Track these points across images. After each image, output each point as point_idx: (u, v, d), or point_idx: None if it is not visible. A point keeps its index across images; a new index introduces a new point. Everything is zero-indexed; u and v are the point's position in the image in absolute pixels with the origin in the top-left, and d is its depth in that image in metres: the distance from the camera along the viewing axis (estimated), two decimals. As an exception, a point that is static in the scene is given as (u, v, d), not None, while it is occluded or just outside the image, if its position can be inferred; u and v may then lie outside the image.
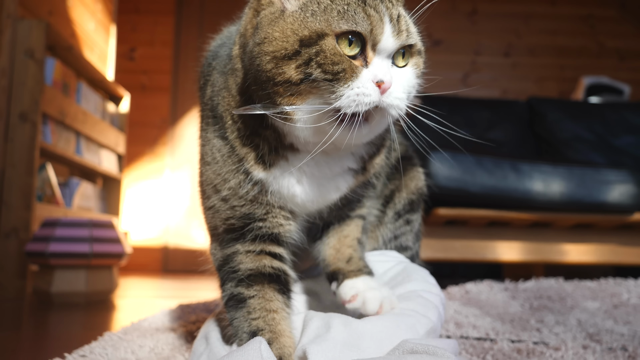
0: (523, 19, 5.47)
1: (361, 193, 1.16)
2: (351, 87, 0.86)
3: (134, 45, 5.20)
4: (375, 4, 0.89)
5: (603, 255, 2.99)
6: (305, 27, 0.88)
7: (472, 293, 2.01)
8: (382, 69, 0.88)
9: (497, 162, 2.83)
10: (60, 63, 3.07)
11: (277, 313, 1.01)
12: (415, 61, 0.97)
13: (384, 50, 0.90)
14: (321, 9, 0.89)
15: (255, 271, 1.05)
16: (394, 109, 0.90)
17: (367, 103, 0.87)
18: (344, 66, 0.86)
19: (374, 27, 0.88)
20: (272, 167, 1.01)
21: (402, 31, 0.91)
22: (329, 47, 0.86)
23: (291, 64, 0.87)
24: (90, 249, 2.49)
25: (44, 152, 2.92)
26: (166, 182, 5.12)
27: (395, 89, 0.90)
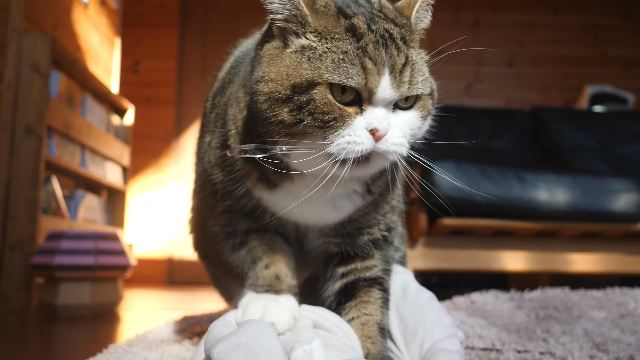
0: (526, 29, 5.49)
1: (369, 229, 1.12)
2: (342, 135, 0.86)
3: (139, 58, 5.24)
4: (375, 54, 0.86)
5: (609, 264, 2.98)
6: (299, 74, 0.86)
7: (478, 303, 2.00)
8: (378, 117, 0.86)
9: (502, 171, 2.83)
10: (65, 76, 3.09)
11: (274, 245, 1.13)
12: (422, 103, 0.94)
13: (380, 100, 0.87)
14: (316, 55, 0.87)
15: (251, 228, 1.15)
16: (391, 154, 0.89)
17: (358, 151, 0.86)
18: (334, 115, 0.85)
19: (368, 81, 0.85)
20: (276, 187, 1.02)
21: (404, 83, 0.88)
22: (319, 97, 0.85)
23: (284, 107, 0.87)
24: (95, 261, 2.49)
25: (49, 165, 2.93)
26: (171, 194, 5.13)
27: (393, 135, 0.88)
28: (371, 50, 0.85)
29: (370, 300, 1.09)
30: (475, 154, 3.81)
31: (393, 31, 0.89)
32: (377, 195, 1.08)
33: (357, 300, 1.10)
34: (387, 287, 1.14)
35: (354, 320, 1.08)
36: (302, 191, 0.99)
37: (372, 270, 1.12)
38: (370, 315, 1.08)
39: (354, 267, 1.12)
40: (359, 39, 0.86)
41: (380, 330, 1.07)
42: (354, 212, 1.07)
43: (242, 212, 1.12)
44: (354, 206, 1.06)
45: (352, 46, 0.85)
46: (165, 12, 5.32)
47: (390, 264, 1.18)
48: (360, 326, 1.07)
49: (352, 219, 1.08)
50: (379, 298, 1.10)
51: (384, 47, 0.86)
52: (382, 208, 1.12)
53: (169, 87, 5.22)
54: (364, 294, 1.10)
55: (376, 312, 1.08)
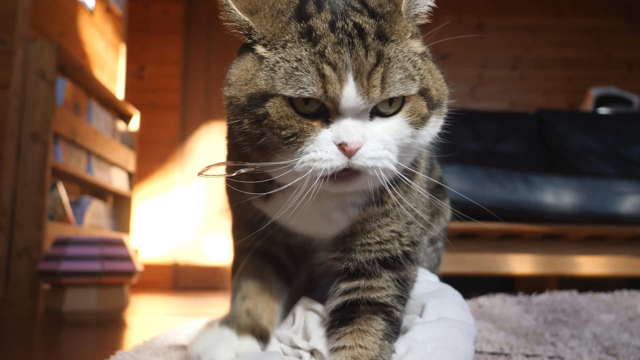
0: (530, 31, 5.48)
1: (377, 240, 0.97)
2: (306, 151, 0.76)
3: (144, 64, 5.26)
4: (335, 57, 0.74)
5: (617, 267, 2.96)
6: (254, 83, 0.78)
7: (485, 307, 1.99)
8: (347, 129, 0.75)
9: (508, 174, 2.82)
10: (71, 83, 3.10)
11: (262, 276, 1.06)
12: (411, 106, 0.80)
13: (348, 110, 0.76)
14: (270, 64, 0.77)
15: (253, 248, 1.09)
16: (372, 170, 0.77)
17: (326, 169, 0.76)
18: (293, 130, 0.76)
19: (327, 90, 0.74)
20: (269, 198, 0.94)
21: (374, 87, 0.75)
22: (273, 111, 0.76)
23: (245, 117, 0.80)
24: (101, 267, 2.50)
25: (55, 172, 2.94)
26: (176, 200, 5.14)
27: (370, 148, 0.76)
28: (330, 54, 0.74)
29: (370, 331, 0.90)
30: (480, 157, 3.80)
31: (365, 25, 0.77)
32: (389, 206, 0.94)
33: (354, 327, 0.91)
34: (397, 318, 0.95)
35: (344, 350, 0.89)
36: (294, 202, 0.90)
37: (378, 292, 0.95)
38: (365, 349, 0.88)
39: (357, 285, 0.97)
40: (316, 43, 0.75)
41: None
42: (351, 225, 0.96)
43: (251, 226, 1.06)
44: (348, 219, 0.94)
45: (307, 52, 0.75)
46: (169, 19, 5.35)
47: (407, 290, 1.00)
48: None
49: (353, 233, 0.97)
50: (381, 330, 0.91)
51: (349, 47, 0.75)
52: (395, 222, 0.97)
53: (173, 92, 5.23)
54: (364, 322, 0.92)
55: (373, 347, 0.88)
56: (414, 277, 1.05)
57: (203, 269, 5.04)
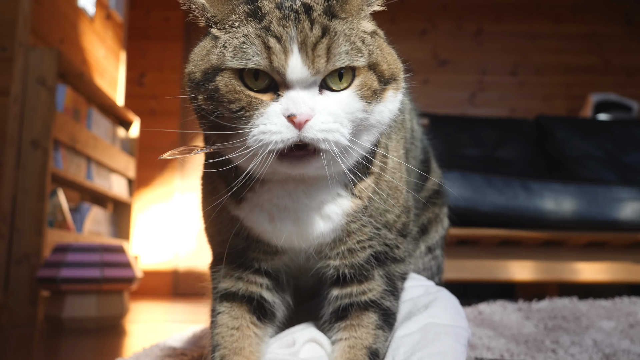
0: (529, 38, 5.50)
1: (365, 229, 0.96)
2: (255, 125, 0.78)
3: (144, 70, 5.27)
4: (280, 30, 0.77)
5: (617, 273, 2.96)
6: (208, 59, 0.82)
7: (486, 314, 1.99)
8: (295, 101, 0.76)
9: (507, 181, 2.82)
10: (71, 90, 3.11)
11: (238, 330, 0.98)
12: (361, 80, 0.81)
13: (296, 82, 0.77)
14: (222, 42, 0.80)
15: (230, 291, 1.02)
16: (324, 142, 0.77)
17: (277, 141, 0.76)
18: (242, 104, 0.78)
19: (273, 60, 0.76)
20: (242, 201, 0.93)
21: (319, 57, 0.76)
22: (222, 85, 0.79)
23: (200, 93, 0.83)
24: (101, 274, 2.50)
25: (55, 178, 2.94)
26: (176, 206, 5.14)
27: (320, 120, 0.77)
28: (275, 28, 0.77)
29: (362, 324, 0.97)
30: (480, 163, 3.81)
31: (313, 4, 0.79)
32: (365, 201, 0.95)
33: (347, 322, 0.99)
34: (387, 306, 1.00)
35: (342, 342, 0.97)
36: (269, 200, 0.91)
37: (368, 294, 0.99)
38: (359, 338, 0.96)
39: (350, 291, 0.99)
40: (262, 19, 0.78)
41: (370, 355, 0.95)
42: (347, 221, 0.94)
43: (230, 255, 1.01)
44: (342, 212, 0.93)
45: (254, 28, 0.78)
46: (170, 25, 5.36)
47: (396, 283, 1.03)
48: (348, 349, 0.96)
49: (351, 230, 0.96)
50: (373, 322, 0.98)
51: (295, 22, 0.77)
52: (381, 216, 0.98)
53: (173, 99, 5.24)
54: (355, 318, 0.98)
55: (366, 336, 0.96)
56: (405, 270, 1.06)
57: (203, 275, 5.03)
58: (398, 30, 5.30)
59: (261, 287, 1.02)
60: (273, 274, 1.03)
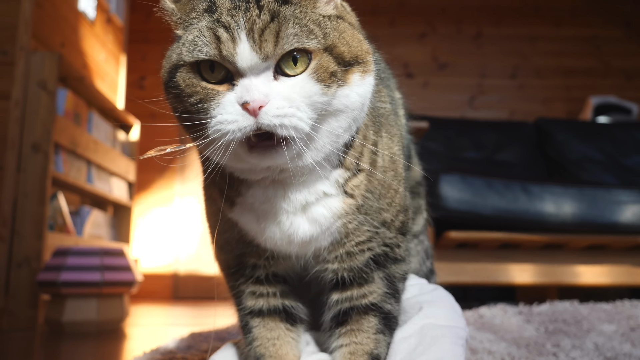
0: (528, 41, 5.51)
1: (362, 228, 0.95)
2: (212, 115, 0.79)
3: (144, 74, 5.28)
4: (229, 20, 0.77)
5: (617, 276, 2.96)
6: (170, 59, 0.84)
7: (486, 317, 1.99)
8: (248, 87, 0.77)
9: (508, 184, 2.82)
10: (72, 93, 3.11)
11: (278, 339, 1.02)
12: (317, 63, 0.79)
13: (248, 69, 0.77)
14: (182, 41, 0.83)
15: (256, 309, 1.04)
16: (281, 128, 0.76)
17: (234, 130, 0.77)
18: (200, 96, 0.80)
19: (222, 50, 0.77)
20: (234, 205, 0.94)
21: (266, 41, 0.76)
22: (181, 80, 0.81)
23: (169, 93, 0.85)
24: (101, 278, 2.49)
25: (56, 182, 2.94)
26: (176, 210, 5.14)
27: (275, 106, 0.76)
28: (224, 18, 0.78)
29: (362, 329, 0.97)
30: (480, 166, 3.81)
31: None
32: (359, 200, 0.93)
33: (348, 327, 0.98)
34: (388, 309, 0.99)
35: (342, 348, 0.97)
36: (254, 206, 0.91)
37: (368, 297, 0.98)
38: (360, 344, 0.96)
39: (350, 295, 0.99)
40: (214, 13, 0.80)
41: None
42: (343, 222, 0.92)
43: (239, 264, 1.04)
44: (331, 214, 0.91)
45: (207, 21, 0.80)
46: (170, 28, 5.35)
47: (396, 285, 1.02)
48: (349, 355, 0.96)
49: (349, 231, 0.94)
50: (373, 326, 0.97)
51: (245, 11, 0.77)
52: (377, 214, 0.96)
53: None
54: (355, 322, 0.98)
55: (367, 341, 0.96)
56: (406, 270, 1.05)
57: (203, 278, 5.03)
58: (397, 33, 5.31)
59: (280, 297, 1.04)
60: (283, 279, 1.04)
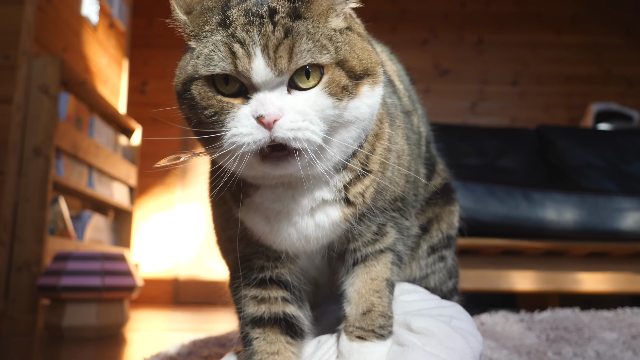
0: (529, 48, 5.52)
1: (369, 228, 1.00)
2: (228, 128, 0.80)
3: (146, 78, 5.29)
4: (244, 35, 0.79)
5: (619, 284, 2.95)
6: (185, 70, 0.86)
7: (488, 324, 1.98)
8: (262, 102, 0.79)
9: (509, 190, 2.81)
10: (74, 98, 3.12)
11: (278, 355, 1.01)
12: (329, 77, 0.81)
13: (263, 84, 0.79)
14: (196, 53, 0.84)
15: (257, 316, 1.04)
16: (295, 141, 0.79)
17: (249, 142, 0.79)
18: (215, 109, 0.82)
19: (238, 65, 0.79)
20: (242, 205, 0.95)
21: (280, 57, 0.78)
22: (196, 92, 0.83)
23: (183, 103, 0.87)
24: (102, 282, 2.49)
25: (57, 186, 2.94)
26: (177, 215, 5.14)
27: (289, 119, 0.78)
28: (239, 33, 0.79)
29: (380, 262, 1.03)
30: (481, 172, 3.80)
31: (279, 7, 0.81)
32: (363, 207, 0.96)
33: (366, 263, 1.03)
34: (400, 249, 1.07)
35: (363, 275, 1.02)
36: (263, 206, 0.93)
37: (383, 243, 1.04)
38: (380, 272, 1.03)
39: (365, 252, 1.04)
40: (229, 27, 0.81)
41: (389, 286, 1.03)
42: (339, 232, 0.97)
43: (245, 264, 1.04)
44: (330, 222, 0.94)
45: (221, 36, 0.81)
46: (172, 33, 5.30)
47: (403, 232, 1.08)
48: (370, 280, 1.02)
49: (354, 235, 0.99)
50: (389, 260, 1.04)
51: (259, 26, 0.79)
52: (384, 204, 1.01)
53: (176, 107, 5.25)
54: (373, 259, 1.04)
55: (385, 270, 1.03)
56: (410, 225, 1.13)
57: (203, 283, 5.02)
58: (399, 39, 5.32)
59: (282, 303, 1.04)
60: (286, 284, 1.04)
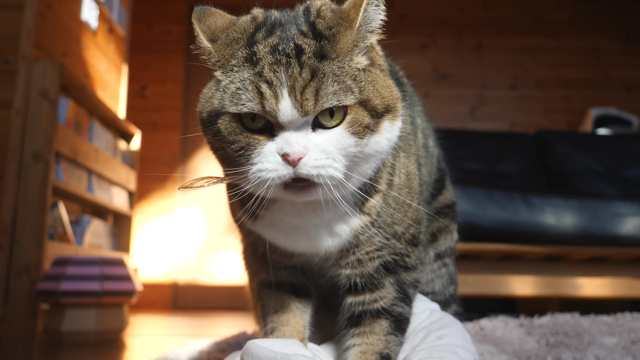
0: (528, 52, 5.53)
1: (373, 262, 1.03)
2: (253, 162, 0.83)
3: (145, 83, 5.29)
4: (272, 76, 0.81)
5: (618, 289, 2.95)
6: (211, 102, 0.87)
7: (487, 329, 1.98)
8: (288, 141, 0.81)
9: (508, 195, 2.82)
10: (73, 102, 3.12)
11: (282, 306, 1.11)
12: (352, 117, 0.84)
13: (290, 123, 0.82)
14: (223, 86, 0.86)
15: (266, 281, 1.13)
16: (316, 178, 0.82)
17: (274, 178, 0.82)
18: (241, 144, 0.84)
19: (265, 106, 0.81)
20: (257, 218, 0.98)
21: (307, 100, 0.80)
22: (223, 127, 0.85)
23: (208, 131, 0.89)
24: (101, 287, 2.49)
25: (56, 191, 2.94)
26: (176, 219, 5.14)
27: (313, 158, 0.81)
28: (267, 73, 0.81)
29: (374, 331, 1.05)
30: (480, 177, 3.81)
31: (305, 46, 0.83)
32: (373, 216, 1.00)
33: (361, 329, 1.06)
34: (399, 312, 1.07)
35: (355, 347, 1.05)
36: (281, 219, 0.96)
37: (379, 302, 1.05)
38: (371, 345, 1.03)
39: (362, 299, 1.06)
40: (256, 65, 0.83)
41: (381, 359, 1.03)
42: (354, 237, 1.00)
43: (257, 252, 1.12)
44: (350, 230, 0.98)
45: (249, 73, 0.83)
46: (171, 38, 5.39)
47: (406, 290, 1.08)
48: (360, 354, 1.03)
49: (359, 242, 1.01)
50: (385, 328, 1.05)
51: (285, 66, 0.81)
52: (389, 227, 1.03)
53: (175, 111, 5.26)
54: (368, 325, 1.05)
55: (377, 342, 1.03)
56: (416, 277, 1.11)
57: (202, 288, 5.02)
58: (398, 44, 5.32)
59: (291, 277, 1.13)
60: (298, 268, 1.13)
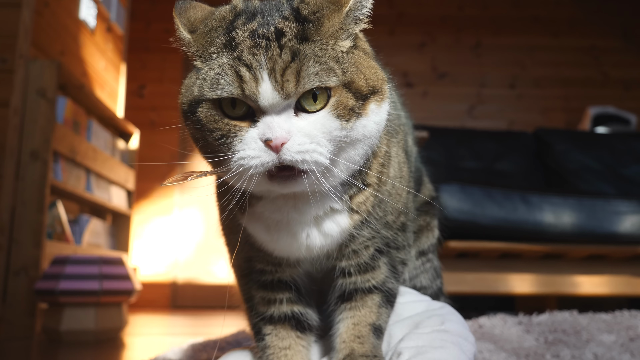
0: (527, 51, 5.53)
1: (367, 244, 1.01)
2: (235, 150, 0.81)
3: (144, 82, 5.29)
4: (251, 59, 0.79)
5: (617, 286, 2.95)
6: (191, 91, 0.85)
7: (486, 327, 1.98)
8: (270, 125, 0.79)
9: (507, 194, 2.82)
10: (71, 101, 3.12)
11: (289, 349, 1.04)
12: (337, 100, 0.81)
13: (270, 107, 0.79)
14: (202, 74, 0.84)
15: (267, 315, 1.07)
16: (302, 163, 0.79)
17: (256, 165, 0.79)
18: (222, 132, 0.82)
19: (245, 89, 0.78)
20: (244, 213, 0.96)
21: (287, 81, 0.78)
22: (203, 115, 0.83)
23: (189, 122, 0.87)
24: (99, 286, 2.48)
25: (55, 190, 2.94)
26: (175, 218, 5.13)
27: (296, 142, 0.79)
28: (246, 56, 0.79)
29: (366, 305, 1.04)
30: (479, 176, 3.81)
31: (286, 29, 0.81)
32: (364, 214, 0.97)
33: (352, 303, 1.05)
34: (390, 287, 1.07)
35: (347, 320, 1.04)
36: (264, 215, 0.94)
37: (372, 281, 1.05)
38: (364, 316, 1.03)
39: (355, 280, 1.04)
40: (235, 49, 0.81)
41: (374, 331, 1.02)
42: (344, 238, 0.97)
43: (251, 268, 1.08)
44: (340, 230, 0.96)
45: (227, 58, 0.81)
46: (170, 37, 5.37)
47: (396, 267, 1.08)
48: (352, 325, 1.02)
49: (353, 238, 0.99)
50: (376, 302, 1.04)
51: (265, 49, 0.79)
52: (380, 220, 1.02)
53: (173, 110, 5.23)
54: (360, 300, 1.04)
55: (370, 314, 1.03)
56: (405, 256, 1.12)
57: (201, 287, 5.02)
58: (397, 43, 5.33)
59: (288, 304, 1.07)
60: (290, 286, 1.07)
